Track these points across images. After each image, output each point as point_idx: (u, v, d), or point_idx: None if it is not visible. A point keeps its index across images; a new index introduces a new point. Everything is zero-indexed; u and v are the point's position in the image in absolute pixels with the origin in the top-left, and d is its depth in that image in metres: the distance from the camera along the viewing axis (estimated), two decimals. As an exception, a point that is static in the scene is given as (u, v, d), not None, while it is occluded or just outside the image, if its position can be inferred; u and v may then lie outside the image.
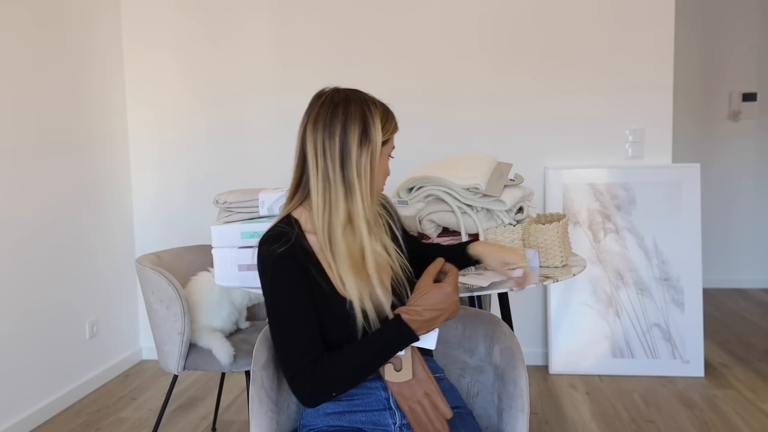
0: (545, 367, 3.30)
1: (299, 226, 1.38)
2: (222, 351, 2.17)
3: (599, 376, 3.18)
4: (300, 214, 1.40)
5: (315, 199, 1.34)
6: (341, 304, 1.33)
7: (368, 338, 1.31)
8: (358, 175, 1.33)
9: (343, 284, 1.33)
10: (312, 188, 1.35)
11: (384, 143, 1.36)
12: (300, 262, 1.32)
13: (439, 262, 1.36)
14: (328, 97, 1.37)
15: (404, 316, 1.28)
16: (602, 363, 3.19)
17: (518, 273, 1.51)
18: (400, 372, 1.32)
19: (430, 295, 1.28)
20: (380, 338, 1.30)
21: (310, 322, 1.31)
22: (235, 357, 2.18)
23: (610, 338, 3.18)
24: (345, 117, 1.33)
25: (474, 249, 1.57)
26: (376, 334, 1.30)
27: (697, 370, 3.14)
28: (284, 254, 1.31)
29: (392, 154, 1.42)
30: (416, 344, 1.31)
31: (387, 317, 1.34)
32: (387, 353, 1.30)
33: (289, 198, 1.42)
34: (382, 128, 1.35)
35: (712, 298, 4.57)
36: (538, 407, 2.84)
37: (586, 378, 3.16)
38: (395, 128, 1.39)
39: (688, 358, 3.14)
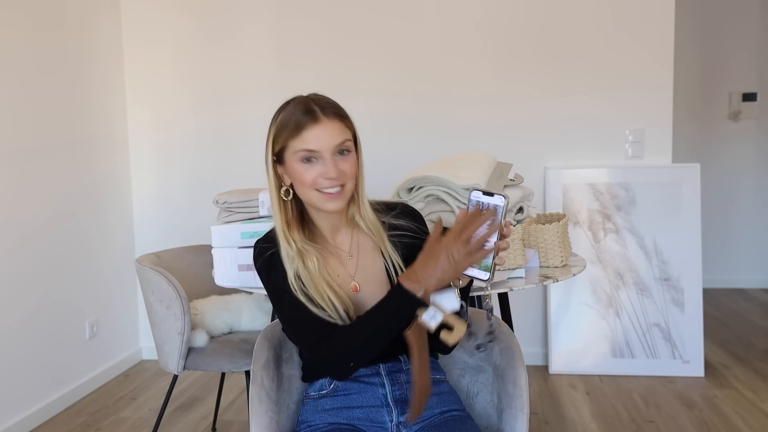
0: (545, 367, 3.30)
1: None
2: (195, 336, 2.21)
3: (599, 376, 3.18)
4: None
5: None
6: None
7: (375, 308, 1.27)
8: (271, 191, 1.37)
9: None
10: None
11: (282, 151, 1.33)
12: (278, 266, 1.34)
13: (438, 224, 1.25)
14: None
15: (403, 283, 1.22)
16: (602, 363, 3.19)
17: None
18: (454, 331, 1.22)
19: (421, 255, 1.22)
20: (383, 308, 1.25)
21: (313, 300, 1.32)
22: (211, 337, 2.27)
23: (610, 338, 3.18)
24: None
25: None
26: (380, 304, 1.26)
27: (697, 370, 3.14)
28: (270, 256, 1.35)
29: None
30: (438, 305, 1.22)
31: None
32: (394, 321, 1.24)
33: None
34: (275, 137, 1.33)
35: (712, 298, 4.57)
36: (538, 407, 2.84)
37: (586, 378, 3.16)
38: (293, 131, 1.30)
39: (688, 358, 3.14)
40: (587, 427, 2.65)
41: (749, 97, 4.82)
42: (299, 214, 1.38)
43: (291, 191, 1.35)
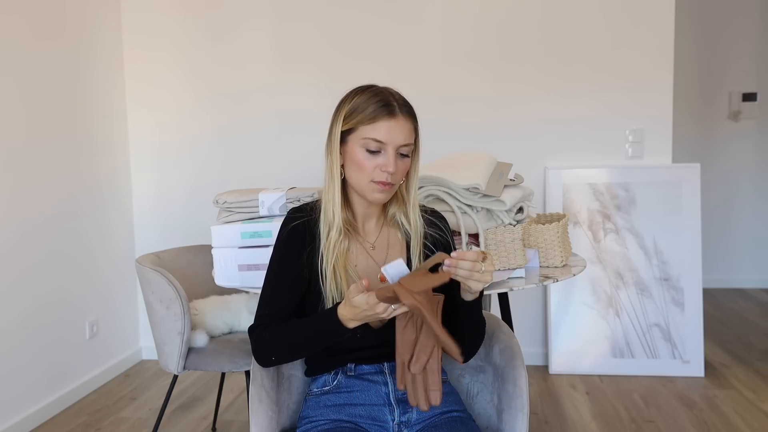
0: (545, 367, 3.30)
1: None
2: (195, 336, 2.21)
3: (599, 376, 3.18)
4: None
5: None
6: (318, 295, 1.38)
7: (309, 319, 1.35)
8: (330, 164, 1.39)
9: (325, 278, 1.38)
10: None
11: (349, 131, 1.36)
12: (303, 239, 1.40)
13: (438, 257, 1.23)
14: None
15: (339, 309, 1.27)
16: (602, 363, 3.19)
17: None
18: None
19: (356, 295, 1.24)
20: (315, 321, 1.34)
21: (288, 291, 1.39)
22: (211, 337, 2.27)
23: (610, 338, 3.18)
24: (336, 106, 1.41)
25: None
26: (314, 317, 1.35)
27: (697, 370, 3.14)
28: (294, 227, 1.41)
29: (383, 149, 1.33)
30: (387, 273, 1.21)
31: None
32: (320, 336, 1.33)
33: None
34: (347, 116, 1.36)
35: (712, 298, 4.57)
36: (538, 407, 2.84)
37: (586, 378, 3.16)
38: (368, 118, 1.33)
39: (688, 358, 3.14)
40: (587, 427, 2.65)
41: (749, 97, 4.83)
42: (344, 194, 1.42)
43: (342, 171, 1.39)
